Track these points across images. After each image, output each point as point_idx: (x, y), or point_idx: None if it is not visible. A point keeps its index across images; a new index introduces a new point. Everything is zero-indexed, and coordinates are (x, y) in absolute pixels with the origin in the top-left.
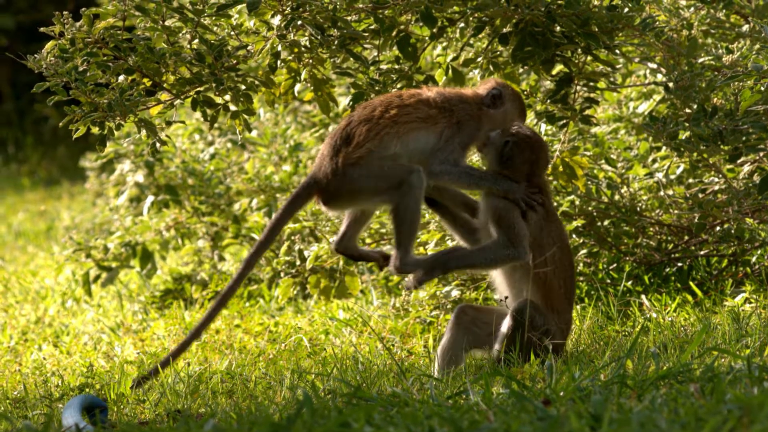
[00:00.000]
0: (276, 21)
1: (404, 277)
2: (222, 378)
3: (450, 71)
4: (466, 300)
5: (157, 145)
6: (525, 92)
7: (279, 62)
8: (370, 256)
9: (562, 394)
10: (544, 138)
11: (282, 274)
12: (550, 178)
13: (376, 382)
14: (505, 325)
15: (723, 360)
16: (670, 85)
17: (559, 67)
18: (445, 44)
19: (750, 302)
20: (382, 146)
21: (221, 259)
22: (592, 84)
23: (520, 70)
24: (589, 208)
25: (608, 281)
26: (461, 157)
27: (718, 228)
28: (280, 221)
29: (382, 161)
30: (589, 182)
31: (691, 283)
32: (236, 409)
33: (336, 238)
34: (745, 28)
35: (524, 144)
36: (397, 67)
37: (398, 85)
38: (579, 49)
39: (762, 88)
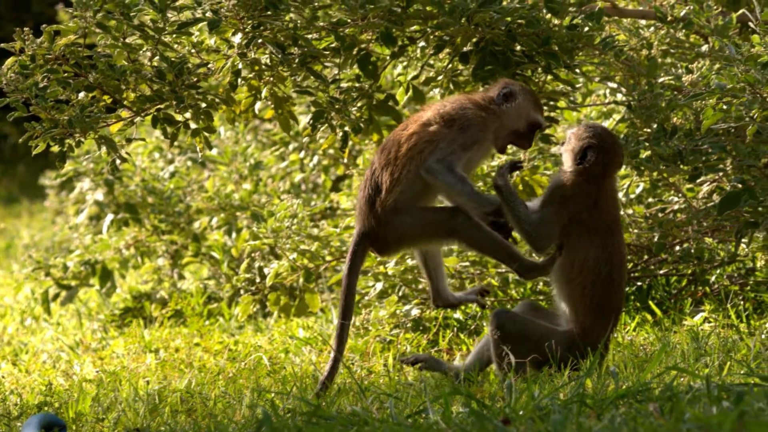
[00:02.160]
0: (237, 39)
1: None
2: (181, 396)
3: (411, 90)
4: (425, 319)
5: (117, 162)
6: None
7: (240, 80)
8: (469, 299)
9: (521, 413)
10: (504, 157)
11: (242, 292)
12: None
13: (336, 400)
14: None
15: (682, 379)
16: (633, 104)
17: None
18: (405, 63)
19: (709, 321)
20: (409, 185)
21: (181, 277)
22: (552, 103)
23: (481, 89)
24: None
25: None
26: (458, 159)
27: (677, 247)
28: (350, 286)
29: (417, 200)
30: None
31: (650, 303)
32: (195, 427)
33: (431, 298)
34: (705, 47)
35: (600, 147)
36: (357, 85)
37: (359, 104)
38: (539, 68)
39: (724, 107)
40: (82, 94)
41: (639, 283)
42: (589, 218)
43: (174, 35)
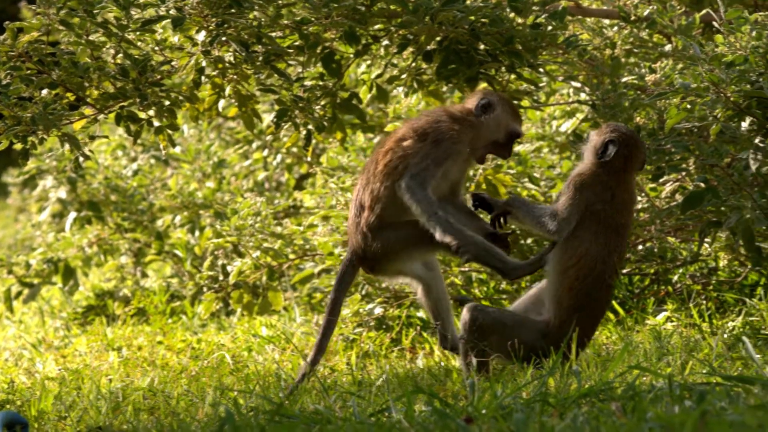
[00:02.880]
0: (201, 37)
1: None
2: (144, 395)
3: (374, 88)
4: (388, 317)
5: (80, 160)
6: None
7: (203, 78)
8: None
9: (484, 411)
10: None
11: (205, 290)
12: None
13: (299, 399)
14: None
15: (645, 378)
16: (596, 103)
17: (483, 85)
18: (369, 61)
19: (671, 321)
20: (389, 202)
21: (144, 275)
22: (515, 102)
23: (444, 88)
24: (512, 227)
25: None
26: (432, 175)
27: (640, 247)
28: (336, 301)
29: (400, 215)
30: None
31: (613, 302)
32: (158, 425)
33: (438, 340)
34: (668, 47)
35: (621, 141)
36: (321, 83)
37: (322, 102)
38: (503, 67)
39: (688, 106)
40: (45, 92)
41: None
42: (603, 211)
43: (138, 33)
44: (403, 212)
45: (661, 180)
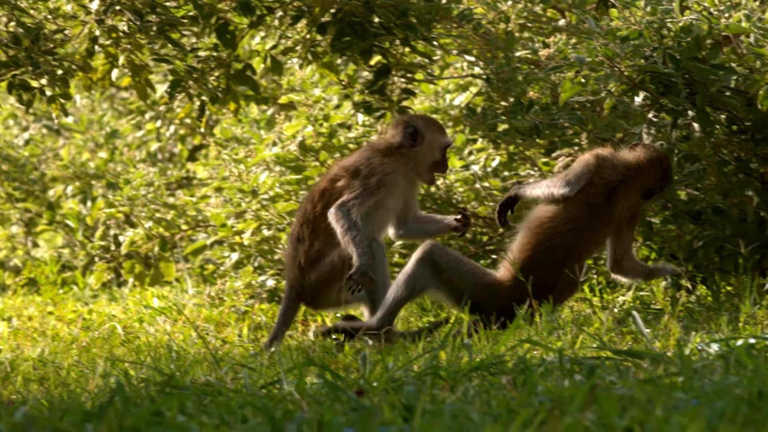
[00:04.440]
0: (94, 5)
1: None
2: (34, 365)
3: (269, 60)
4: (280, 289)
5: None
6: (343, 82)
7: (96, 47)
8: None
9: (375, 384)
10: (362, 129)
11: (97, 260)
12: None
13: (190, 371)
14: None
15: (535, 352)
16: (490, 77)
17: (377, 58)
18: (263, 33)
19: None
20: (327, 240)
21: (35, 245)
22: (409, 75)
23: (339, 60)
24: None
25: None
26: (361, 204)
27: None
28: (276, 337)
29: (337, 247)
30: None
31: None
32: (48, 396)
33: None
34: (562, 22)
35: (659, 160)
36: (215, 54)
37: (216, 73)
38: (397, 41)
39: (582, 80)
40: None
41: (494, 257)
42: (597, 191)
43: (30, 1)
44: (338, 245)
45: (553, 155)
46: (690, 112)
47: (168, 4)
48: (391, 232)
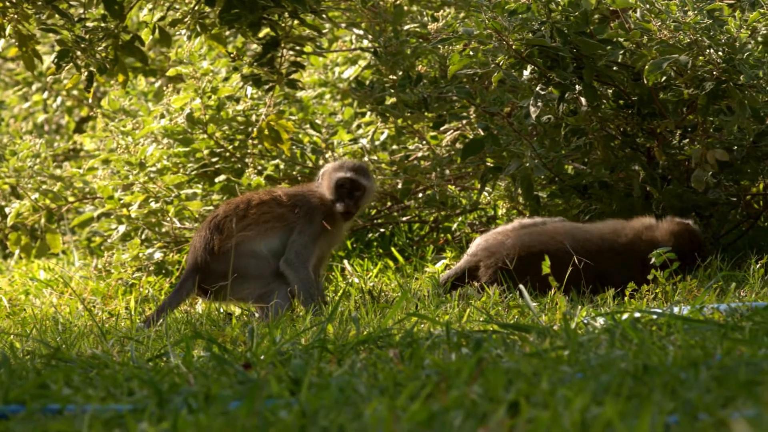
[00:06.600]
0: None
1: None
2: None
3: (157, 31)
4: (168, 262)
5: None
6: (231, 55)
7: None
8: None
9: (263, 357)
10: (250, 102)
11: None
12: (255, 141)
13: (77, 343)
14: None
15: (422, 326)
16: (378, 51)
17: (265, 31)
18: (151, 4)
19: (450, 269)
20: (249, 242)
21: None
22: (298, 48)
23: (227, 33)
24: (294, 173)
25: None
26: (311, 252)
27: (420, 194)
28: (162, 310)
29: (250, 258)
30: (294, 147)
31: (393, 249)
32: None
33: None
34: None
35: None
36: (103, 25)
37: (104, 44)
38: (286, 13)
39: (471, 53)
40: None
41: (382, 230)
42: None
43: None
44: (253, 261)
45: (442, 128)
46: (577, 87)
47: None
48: None
